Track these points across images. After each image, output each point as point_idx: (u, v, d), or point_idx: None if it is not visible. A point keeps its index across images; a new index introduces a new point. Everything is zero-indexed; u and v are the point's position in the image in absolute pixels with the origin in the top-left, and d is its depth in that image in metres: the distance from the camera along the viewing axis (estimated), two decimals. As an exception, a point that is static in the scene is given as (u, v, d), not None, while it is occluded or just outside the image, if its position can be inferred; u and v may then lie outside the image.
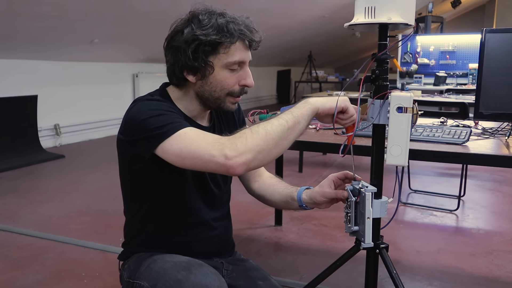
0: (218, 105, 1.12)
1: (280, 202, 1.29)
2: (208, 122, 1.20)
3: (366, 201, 1.09)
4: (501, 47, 1.59)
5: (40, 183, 3.62)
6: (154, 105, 1.03)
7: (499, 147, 1.49)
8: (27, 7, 3.43)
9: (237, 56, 1.07)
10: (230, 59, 1.06)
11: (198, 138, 0.96)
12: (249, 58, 1.12)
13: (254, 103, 9.71)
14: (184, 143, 0.96)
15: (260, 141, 0.93)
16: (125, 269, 1.15)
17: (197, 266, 1.00)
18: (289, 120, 0.98)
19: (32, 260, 2.16)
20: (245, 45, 1.09)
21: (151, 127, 0.98)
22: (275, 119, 0.98)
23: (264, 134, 0.94)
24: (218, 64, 1.07)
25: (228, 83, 1.09)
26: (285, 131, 0.96)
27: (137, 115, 1.01)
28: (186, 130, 0.98)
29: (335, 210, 2.87)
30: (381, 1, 1.00)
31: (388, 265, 1.19)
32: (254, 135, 0.93)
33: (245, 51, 1.09)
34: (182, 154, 0.96)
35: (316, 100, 1.04)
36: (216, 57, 1.06)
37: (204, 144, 0.94)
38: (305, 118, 1.00)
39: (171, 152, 0.97)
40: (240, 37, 1.06)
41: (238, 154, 0.91)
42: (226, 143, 0.93)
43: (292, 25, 6.57)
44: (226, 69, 1.08)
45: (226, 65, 1.07)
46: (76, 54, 5.07)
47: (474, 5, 11.46)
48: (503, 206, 3.01)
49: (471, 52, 4.50)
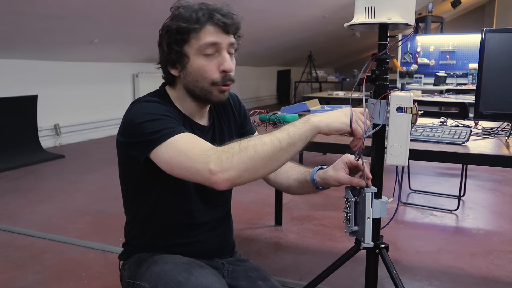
0: (206, 97, 1.09)
1: (297, 188, 1.25)
2: (207, 121, 1.19)
3: (366, 201, 1.09)
4: (501, 47, 1.59)
5: (40, 183, 3.62)
6: (151, 108, 1.03)
7: (499, 147, 1.49)
8: (27, 7, 3.43)
9: (208, 39, 1.04)
10: (201, 42, 1.04)
11: (187, 148, 0.94)
12: (227, 41, 1.06)
13: (254, 103, 9.71)
14: (173, 152, 0.95)
15: (247, 160, 0.88)
16: (125, 269, 1.15)
17: (198, 267, 1.00)
18: (283, 140, 0.91)
19: (32, 260, 2.16)
20: (218, 29, 1.05)
21: (145, 132, 0.98)
22: (268, 136, 0.91)
23: (253, 153, 0.88)
24: (191, 51, 1.05)
25: (206, 70, 1.05)
26: (277, 152, 0.90)
27: (134, 118, 1.01)
28: (178, 137, 0.96)
29: (335, 210, 2.88)
30: (381, 1, 1.00)
31: (388, 265, 1.19)
32: (242, 153, 0.88)
33: (217, 33, 1.05)
34: (171, 163, 0.95)
35: (320, 119, 0.95)
36: (189, 45, 1.05)
37: (191, 155, 0.92)
38: (302, 140, 0.93)
39: (162, 160, 0.97)
40: (209, 21, 1.04)
41: (222, 170, 0.88)
42: (212, 157, 0.89)
43: (292, 25, 6.57)
44: (201, 56, 1.05)
45: (199, 50, 1.04)
46: (76, 54, 5.07)
47: (474, 5, 11.46)
48: (503, 206, 3.01)
49: (471, 52, 4.50)
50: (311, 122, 0.95)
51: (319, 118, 0.96)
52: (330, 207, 2.94)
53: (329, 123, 0.96)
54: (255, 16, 5.54)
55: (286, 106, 2.24)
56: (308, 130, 0.94)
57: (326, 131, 0.96)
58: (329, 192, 3.25)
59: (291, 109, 2.20)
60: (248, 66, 9.41)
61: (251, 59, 8.50)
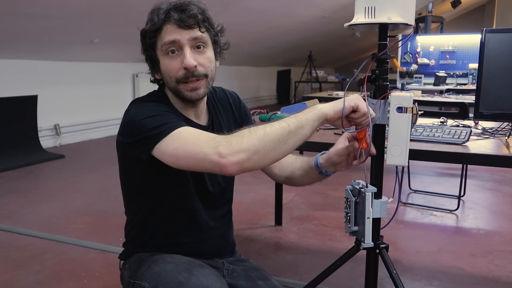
0: (179, 96, 1.09)
1: (301, 177, 1.25)
2: (206, 121, 1.19)
3: (366, 201, 1.09)
4: (501, 47, 1.59)
5: (40, 183, 3.63)
6: (151, 106, 1.04)
7: (499, 147, 1.49)
8: (27, 7, 3.43)
9: (167, 37, 1.04)
10: (162, 42, 1.05)
11: (193, 137, 0.94)
12: (187, 36, 1.04)
13: (254, 103, 9.71)
14: (179, 142, 0.94)
15: (257, 142, 0.89)
16: (126, 269, 1.15)
17: (198, 267, 1.00)
18: (292, 124, 0.93)
19: (32, 260, 2.16)
20: (176, 25, 1.03)
21: (147, 128, 0.98)
22: (277, 122, 0.93)
23: (262, 135, 0.89)
24: (159, 54, 1.07)
25: (170, 69, 1.05)
26: (285, 135, 0.91)
27: (135, 116, 1.01)
28: (182, 129, 0.97)
29: (335, 210, 2.88)
30: (381, 1, 1.00)
31: (388, 265, 1.20)
32: (251, 135, 0.89)
33: (176, 31, 1.03)
34: (177, 153, 0.94)
35: (324, 105, 0.99)
36: (156, 48, 1.07)
37: (199, 142, 0.92)
38: (309, 124, 0.95)
39: (166, 153, 0.96)
40: (165, 20, 1.04)
41: (232, 152, 0.87)
42: (221, 141, 0.89)
43: (292, 25, 6.57)
44: (166, 56, 1.06)
45: (162, 50, 1.05)
46: (76, 54, 5.07)
47: (474, 5, 11.46)
48: (503, 206, 3.01)
49: (471, 52, 4.50)
50: (316, 107, 0.98)
51: (323, 104, 1.00)
52: (330, 207, 2.94)
53: (333, 105, 0.99)
54: (255, 16, 5.54)
55: (286, 106, 2.24)
56: (314, 115, 0.96)
57: (332, 114, 0.98)
58: (329, 192, 3.25)
59: (291, 109, 2.20)
60: (248, 66, 9.41)
61: (251, 59, 8.50)
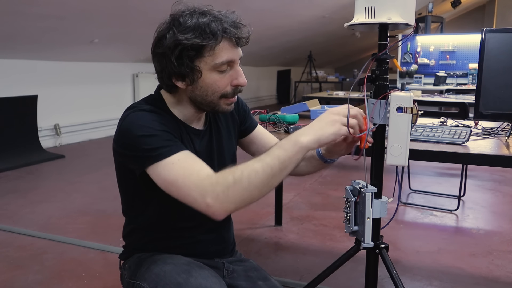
0: (213, 108, 1.07)
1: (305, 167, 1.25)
2: (203, 125, 1.17)
3: (366, 201, 1.09)
4: (501, 47, 1.59)
5: (40, 183, 3.63)
6: (147, 121, 0.99)
7: (499, 147, 1.49)
8: (27, 7, 3.43)
9: (224, 57, 1.00)
10: (217, 61, 1.00)
11: (184, 175, 0.94)
12: (239, 55, 1.04)
13: (254, 103, 9.71)
14: (170, 175, 0.94)
15: (242, 191, 0.91)
16: (126, 269, 1.15)
17: (197, 268, 1.00)
18: (275, 166, 0.91)
19: (32, 260, 2.16)
20: (232, 43, 1.01)
21: (142, 148, 0.96)
22: (259, 163, 0.92)
23: (247, 184, 0.90)
24: (205, 67, 1.01)
25: (219, 86, 1.03)
26: (270, 179, 0.92)
27: (130, 129, 0.98)
28: (175, 159, 0.95)
29: (335, 210, 2.88)
30: (381, 1, 1.00)
31: (388, 265, 1.19)
32: (236, 185, 0.90)
33: (232, 49, 1.02)
34: (167, 186, 0.95)
35: (308, 139, 0.93)
36: (202, 61, 1.00)
37: (189, 183, 0.93)
38: (293, 162, 0.93)
39: (158, 179, 0.96)
40: (224, 36, 0.99)
41: (219, 203, 0.90)
42: (208, 189, 0.91)
43: (292, 25, 6.57)
44: (215, 71, 1.01)
45: (214, 67, 1.01)
46: (76, 54, 5.07)
47: (474, 5, 11.47)
48: (503, 206, 3.01)
49: (471, 52, 4.50)
50: (300, 144, 0.93)
51: (307, 137, 0.94)
52: (330, 207, 2.94)
53: (318, 138, 0.94)
54: (255, 16, 5.53)
55: (286, 106, 2.24)
56: (298, 153, 0.93)
57: (316, 146, 0.95)
58: (329, 192, 3.25)
59: (291, 109, 2.20)
60: (248, 66, 9.40)
61: (251, 59, 8.49)
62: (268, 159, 0.92)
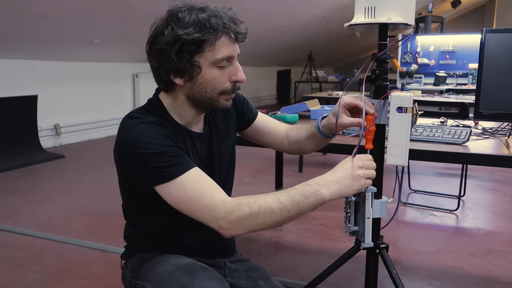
0: (212, 105, 1.06)
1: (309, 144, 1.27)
2: (203, 128, 1.15)
3: (366, 201, 1.09)
4: (501, 47, 1.59)
5: (40, 183, 3.62)
6: (152, 137, 0.97)
7: (499, 147, 1.49)
8: (27, 7, 3.43)
9: (224, 52, 1.00)
10: (217, 56, 0.99)
11: (196, 197, 0.95)
12: (237, 51, 1.04)
13: (254, 103, 9.71)
14: (181, 196, 0.95)
15: (256, 225, 0.94)
16: (127, 269, 1.14)
17: (201, 270, 1.00)
18: (292, 210, 0.94)
19: (32, 260, 2.16)
20: (231, 39, 1.01)
21: (149, 165, 0.95)
22: (277, 203, 0.94)
23: (262, 221, 0.94)
24: (205, 63, 1.00)
25: (218, 82, 1.02)
26: (284, 220, 0.95)
27: (134, 145, 0.96)
28: (185, 180, 0.95)
29: (335, 210, 2.88)
30: (381, 1, 1.00)
31: (388, 265, 1.19)
32: (252, 218, 0.93)
33: (231, 45, 1.01)
34: (179, 205, 0.97)
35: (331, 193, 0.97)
36: (202, 56, 0.99)
37: (202, 206, 0.94)
38: (310, 209, 0.97)
39: (168, 197, 0.97)
40: (224, 31, 0.99)
41: (231, 228, 0.94)
42: (222, 214, 0.93)
43: (292, 25, 6.57)
44: (214, 67, 1.00)
45: (214, 62, 1.00)
46: (76, 54, 5.07)
47: (474, 5, 11.47)
48: (503, 206, 3.01)
49: (471, 52, 4.50)
50: (321, 196, 0.96)
51: (330, 191, 0.97)
52: (330, 207, 2.93)
53: (341, 194, 0.99)
54: (255, 16, 5.53)
55: (286, 106, 2.24)
56: (317, 203, 0.97)
57: (335, 198, 0.99)
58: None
59: (291, 109, 2.20)
60: (248, 66, 9.40)
61: (251, 59, 8.49)
62: (288, 203, 0.94)
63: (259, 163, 4.19)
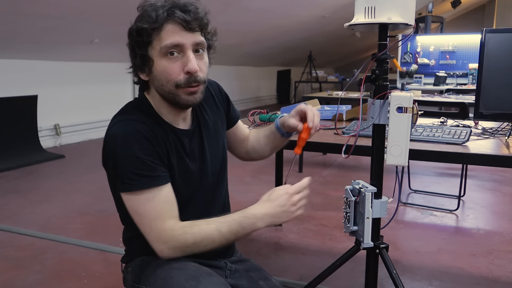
0: (175, 100, 1.02)
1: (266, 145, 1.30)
2: (190, 125, 1.13)
3: (366, 201, 1.09)
4: (501, 47, 1.59)
5: (40, 183, 3.62)
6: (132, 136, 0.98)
7: (499, 147, 1.49)
8: (27, 7, 3.43)
9: (169, 40, 0.97)
10: (162, 44, 0.97)
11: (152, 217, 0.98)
12: (191, 40, 0.99)
13: (254, 103, 9.71)
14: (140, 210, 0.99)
15: (195, 250, 1.00)
16: (128, 272, 1.12)
17: (205, 275, 0.98)
18: (230, 239, 1.02)
19: (32, 260, 2.16)
20: (180, 27, 0.97)
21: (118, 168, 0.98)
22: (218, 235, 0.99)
23: (202, 248, 1.00)
24: (154, 54, 0.99)
25: (170, 73, 0.99)
26: (220, 246, 1.02)
27: (113, 144, 0.99)
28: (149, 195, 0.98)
29: (335, 210, 2.88)
30: (381, 1, 1.00)
31: (388, 265, 1.20)
32: (194, 247, 0.99)
33: (180, 33, 0.97)
34: (134, 216, 1.01)
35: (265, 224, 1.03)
36: (151, 47, 0.99)
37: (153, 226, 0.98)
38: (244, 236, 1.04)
39: (128, 205, 1.01)
40: (168, 18, 0.96)
41: (172, 253, 0.99)
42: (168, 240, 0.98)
43: (292, 25, 6.57)
44: (164, 58, 0.98)
45: (161, 52, 0.97)
46: (76, 54, 5.07)
47: (474, 5, 11.47)
48: (503, 206, 3.01)
49: (471, 52, 4.50)
50: (257, 227, 1.03)
51: (263, 223, 1.03)
52: (330, 207, 2.94)
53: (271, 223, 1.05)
54: (255, 16, 5.54)
55: (286, 106, 2.24)
56: (251, 232, 1.04)
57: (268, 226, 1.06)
58: (329, 192, 3.25)
59: (291, 109, 2.20)
60: (248, 66, 9.41)
61: (251, 59, 8.50)
62: (227, 234, 1.00)
63: (259, 163, 4.18)
